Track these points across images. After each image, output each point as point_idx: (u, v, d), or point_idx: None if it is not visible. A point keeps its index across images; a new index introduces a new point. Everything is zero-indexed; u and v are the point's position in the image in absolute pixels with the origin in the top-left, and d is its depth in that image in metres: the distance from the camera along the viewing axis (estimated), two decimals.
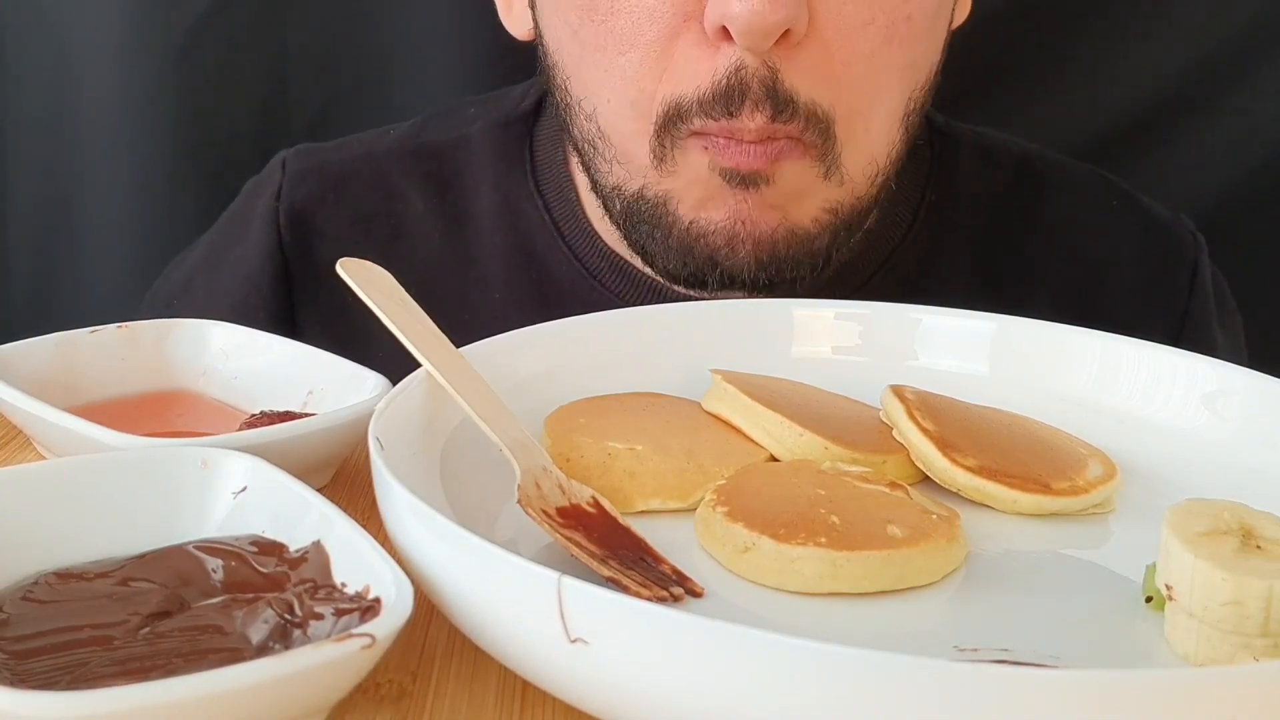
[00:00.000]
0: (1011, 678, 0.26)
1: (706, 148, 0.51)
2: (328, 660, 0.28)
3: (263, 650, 0.31)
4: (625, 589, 0.33)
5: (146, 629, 0.32)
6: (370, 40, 0.85)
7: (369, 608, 0.31)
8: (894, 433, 0.44)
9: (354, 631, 0.29)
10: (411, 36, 0.85)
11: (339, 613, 0.32)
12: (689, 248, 0.53)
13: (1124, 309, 0.66)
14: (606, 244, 0.62)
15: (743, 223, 0.52)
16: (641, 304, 0.61)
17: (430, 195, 0.65)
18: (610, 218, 0.58)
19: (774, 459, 0.43)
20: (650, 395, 0.47)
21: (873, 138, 0.53)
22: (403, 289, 0.46)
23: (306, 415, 0.44)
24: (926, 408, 0.44)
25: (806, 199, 0.53)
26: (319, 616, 0.32)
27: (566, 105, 0.57)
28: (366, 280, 0.45)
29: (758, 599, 0.36)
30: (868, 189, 0.55)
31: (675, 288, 0.61)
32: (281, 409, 0.47)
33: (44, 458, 0.46)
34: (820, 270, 0.55)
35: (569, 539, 0.36)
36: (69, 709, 0.26)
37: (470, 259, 0.64)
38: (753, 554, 0.36)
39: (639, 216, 0.55)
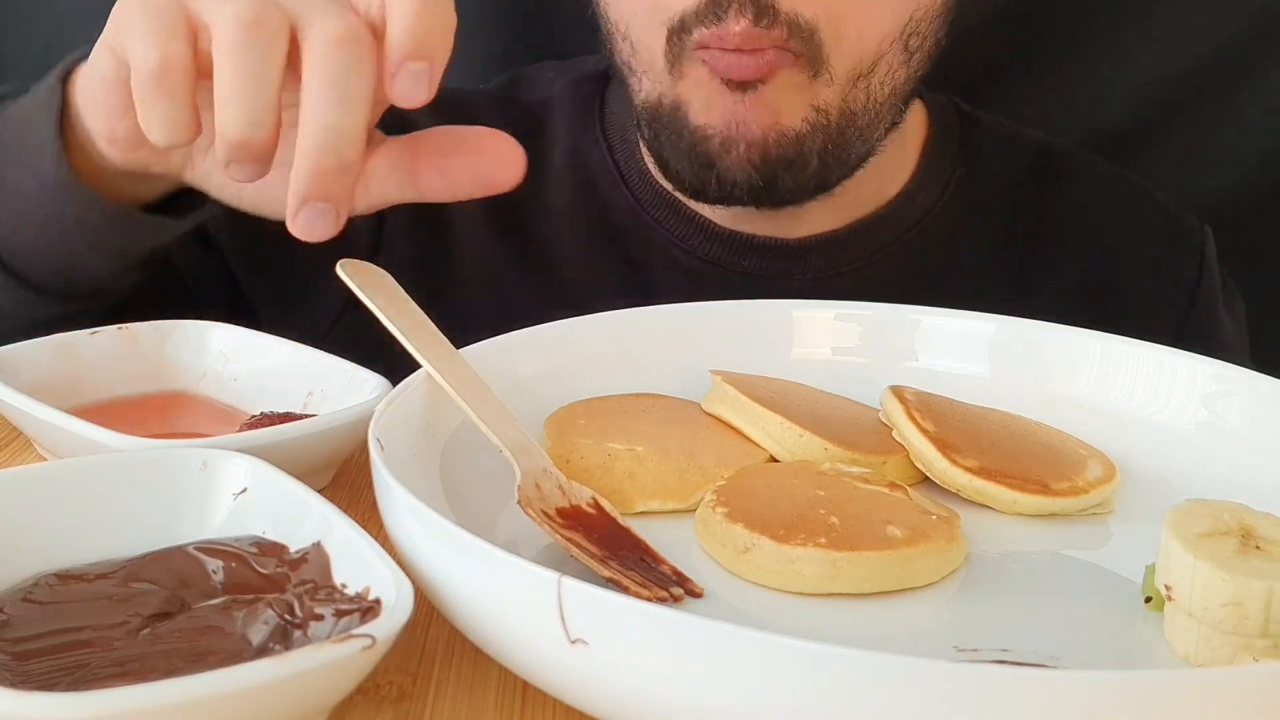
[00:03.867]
0: (1011, 678, 0.26)
1: (705, 60, 0.56)
2: (328, 661, 0.28)
3: (263, 651, 0.31)
4: (625, 589, 0.33)
5: (147, 630, 0.32)
6: None
7: (369, 609, 0.31)
8: (894, 433, 0.44)
9: (354, 633, 0.29)
10: None
11: (339, 614, 0.32)
12: (694, 149, 0.58)
13: (1137, 290, 0.69)
14: (660, 184, 0.67)
15: (736, 125, 0.57)
16: (685, 235, 0.66)
17: (516, 134, 0.69)
18: (644, 141, 0.64)
19: (774, 460, 0.43)
20: (650, 396, 0.47)
21: (863, 43, 0.57)
22: (404, 290, 0.46)
23: (307, 417, 0.44)
24: (926, 408, 0.44)
25: (795, 97, 0.57)
26: (319, 618, 0.32)
27: (609, 33, 0.62)
28: (367, 281, 0.45)
29: (757, 599, 0.36)
30: (852, 91, 0.58)
31: (711, 218, 0.65)
32: (282, 410, 0.47)
33: (44, 459, 0.46)
34: (815, 182, 0.59)
35: (569, 540, 0.36)
36: (70, 710, 0.26)
37: (542, 192, 0.69)
38: (753, 554, 0.36)
39: (660, 124, 0.60)
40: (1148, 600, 0.35)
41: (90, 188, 0.49)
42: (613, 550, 0.36)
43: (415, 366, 0.42)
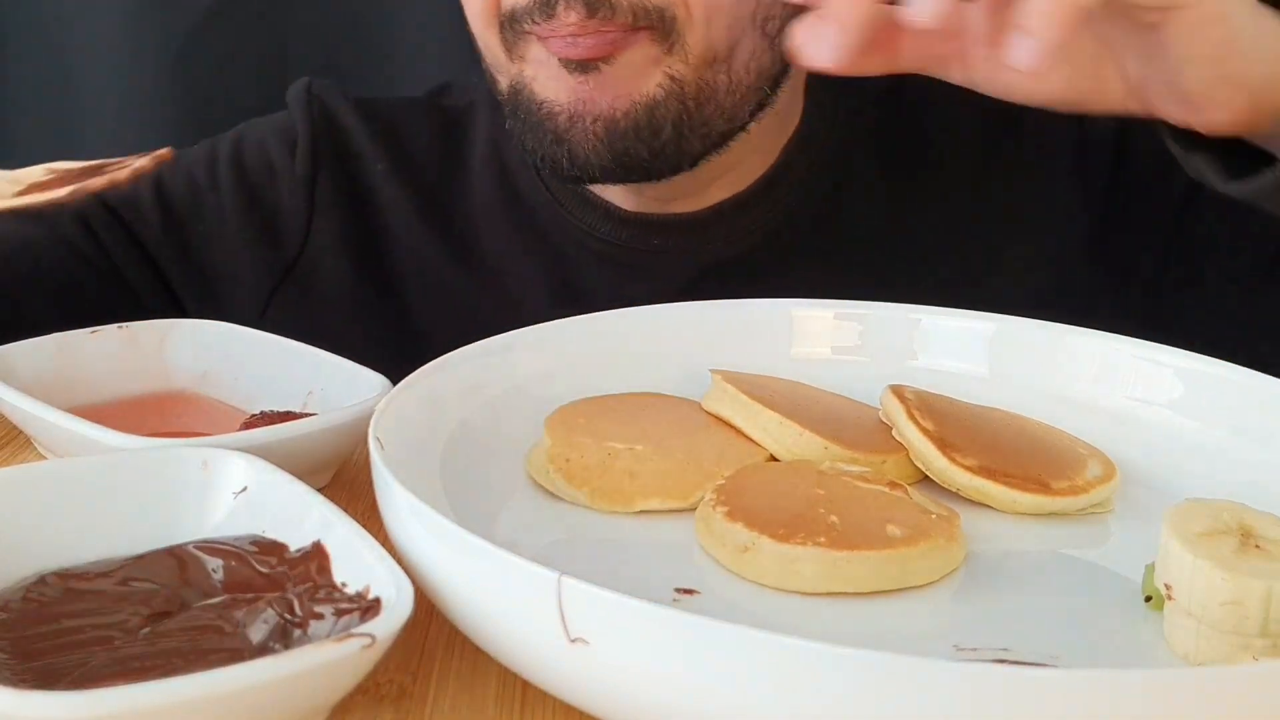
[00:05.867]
0: (1011, 677, 0.26)
1: (541, 39, 0.56)
2: (328, 660, 0.28)
3: (263, 650, 0.31)
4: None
5: (147, 629, 0.32)
6: (369, 41, 0.85)
7: (369, 608, 0.31)
8: (893, 432, 0.44)
9: (354, 631, 0.29)
10: (410, 37, 0.85)
11: (339, 613, 0.32)
12: (540, 127, 0.57)
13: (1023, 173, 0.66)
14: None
15: (583, 102, 0.56)
16: (594, 223, 0.65)
17: (438, 135, 0.71)
18: (513, 135, 0.62)
19: (774, 459, 0.43)
20: (650, 395, 0.47)
21: (714, 27, 0.56)
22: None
23: (307, 416, 0.44)
24: (926, 408, 0.44)
25: (648, 71, 0.56)
26: (319, 616, 0.32)
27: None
28: None
29: (757, 598, 0.36)
30: (710, 72, 0.57)
31: (616, 203, 0.64)
32: (282, 410, 0.47)
33: (44, 458, 0.46)
34: (672, 153, 0.58)
35: None
36: (70, 709, 0.26)
37: (464, 188, 0.70)
38: (752, 554, 0.36)
39: (515, 113, 0.59)
40: (1147, 599, 0.35)
41: None
42: None
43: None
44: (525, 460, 0.43)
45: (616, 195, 0.65)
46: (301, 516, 0.35)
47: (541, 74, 0.57)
